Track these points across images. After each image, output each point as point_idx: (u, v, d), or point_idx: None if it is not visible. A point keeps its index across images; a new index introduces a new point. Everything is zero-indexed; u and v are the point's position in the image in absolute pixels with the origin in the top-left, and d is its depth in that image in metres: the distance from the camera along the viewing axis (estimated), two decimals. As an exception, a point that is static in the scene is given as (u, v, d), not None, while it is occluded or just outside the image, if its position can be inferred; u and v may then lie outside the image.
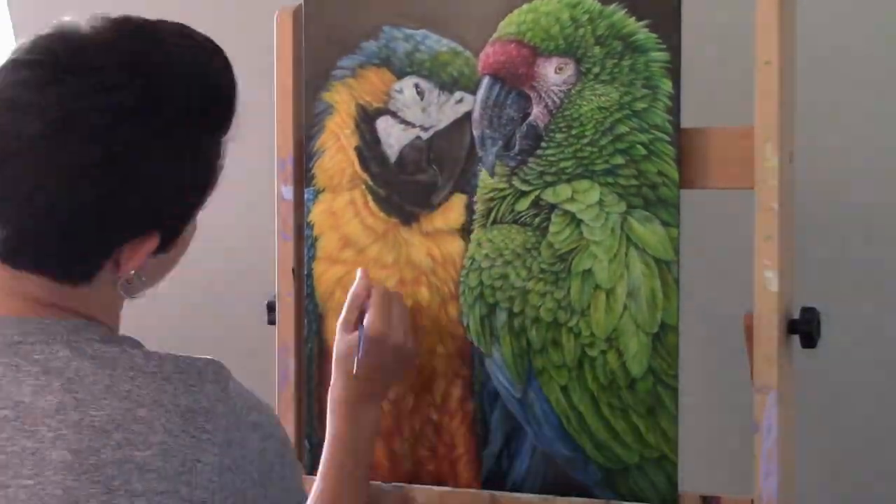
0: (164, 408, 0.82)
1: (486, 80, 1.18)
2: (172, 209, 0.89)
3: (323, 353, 1.27)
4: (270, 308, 1.31)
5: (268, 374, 1.31)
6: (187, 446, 0.82)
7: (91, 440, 0.80)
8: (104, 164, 0.82)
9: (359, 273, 1.19)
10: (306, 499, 0.96)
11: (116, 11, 0.89)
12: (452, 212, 1.21)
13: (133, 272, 0.88)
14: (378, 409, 1.18)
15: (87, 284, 0.87)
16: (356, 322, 1.16)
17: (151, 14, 0.89)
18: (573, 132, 1.15)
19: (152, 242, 0.87)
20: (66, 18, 0.87)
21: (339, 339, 1.17)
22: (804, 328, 1.09)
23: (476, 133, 1.19)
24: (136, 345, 0.89)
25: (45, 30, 0.86)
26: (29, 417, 0.81)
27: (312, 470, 1.25)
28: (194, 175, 0.89)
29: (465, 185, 1.20)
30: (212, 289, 1.82)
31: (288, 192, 1.29)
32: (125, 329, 0.94)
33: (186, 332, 1.85)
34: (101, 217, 0.84)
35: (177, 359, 0.86)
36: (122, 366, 0.84)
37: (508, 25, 1.17)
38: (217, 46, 0.93)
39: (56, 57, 0.83)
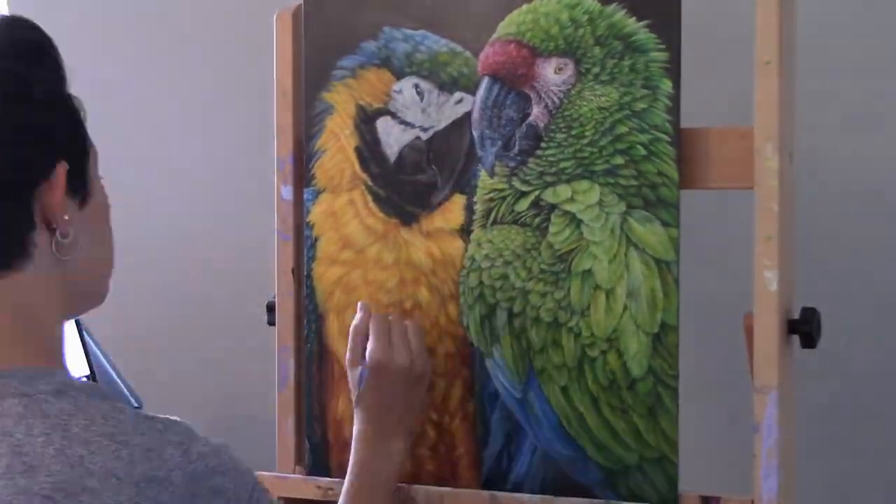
0: (117, 478, 0.78)
1: (485, 81, 1.18)
2: (66, 133, 0.87)
3: (323, 354, 1.27)
4: (270, 308, 1.31)
5: (268, 375, 1.31)
6: None
7: None
8: None
9: (358, 306, 1.19)
10: None
11: (116, 14, 0.89)
12: (452, 212, 1.21)
13: (66, 224, 0.85)
14: (401, 440, 1.16)
15: (24, 267, 0.84)
16: (361, 356, 1.16)
17: (151, 14, 0.90)
18: (573, 132, 1.15)
19: (62, 172, 0.84)
20: None
21: (349, 376, 1.18)
22: (804, 328, 1.08)
23: (475, 133, 1.19)
24: (93, 394, 0.84)
25: None
26: None
27: (313, 469, 1.26)
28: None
29: (465, 185, 1.20)
30: (212, 289, 1.82)
31: (287, 192, 1.29)
32: (126, 330, 0.94)
33: (186, 332, 1.85)
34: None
35: (138, 419, 0.82)
36: (76, 426, 0.80)
37: (508, 26, 1.17)
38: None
39: None
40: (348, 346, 1.18)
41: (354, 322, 1.18)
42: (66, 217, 0.85)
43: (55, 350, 0.88)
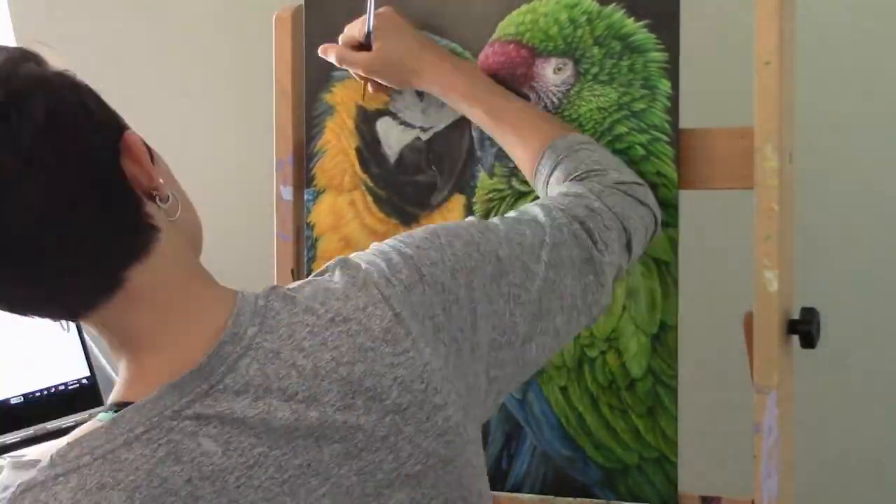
0: (368, 349, 0.82)
1: (485, 81, 1.18)
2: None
3: (323, 354, 1.27)
4: (270, 309, 1.31)
5: (268, 375, 1.30)
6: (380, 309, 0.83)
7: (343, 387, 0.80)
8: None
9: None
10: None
11: (116, 14, 0.89)
12: (452, 212, 1.21)
13: (163, 188, 0.85)
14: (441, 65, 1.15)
15: (159, 238, 0.84)
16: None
17: (150, 15, 0.90)
18: (572, 132, 1.15)
19: (134, 138, 0.82)
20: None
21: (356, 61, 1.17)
22: (804, 328, 1.08)
23: (475, 134, 1.19)
24: (277, 297, 0.85)
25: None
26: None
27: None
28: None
29: (465, 185, 1.20)
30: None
31: (287, 192, 1.29)
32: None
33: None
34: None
35: (338, 284, 0.85)
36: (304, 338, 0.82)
37: (507, 26, 1.17)
38: None
39: None
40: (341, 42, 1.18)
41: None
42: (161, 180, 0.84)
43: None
